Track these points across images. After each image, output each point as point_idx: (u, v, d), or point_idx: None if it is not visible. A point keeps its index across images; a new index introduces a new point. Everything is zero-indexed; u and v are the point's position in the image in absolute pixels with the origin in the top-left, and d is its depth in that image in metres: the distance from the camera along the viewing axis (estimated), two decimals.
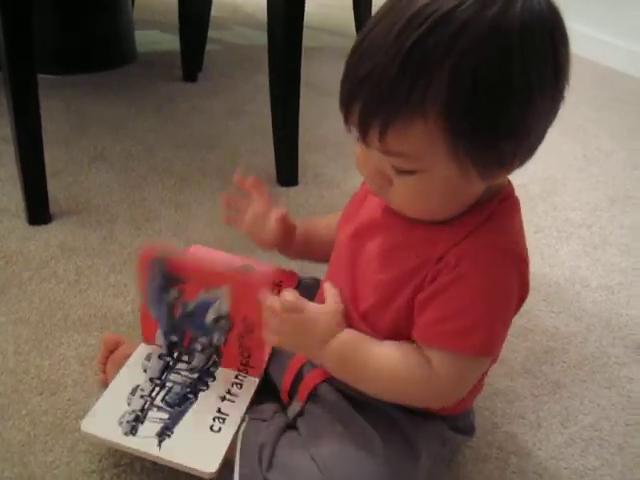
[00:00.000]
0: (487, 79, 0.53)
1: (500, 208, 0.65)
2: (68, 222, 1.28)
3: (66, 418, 0.88)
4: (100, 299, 1.10)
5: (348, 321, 0.70)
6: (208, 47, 2.03)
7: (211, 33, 2.05)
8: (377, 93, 0.55)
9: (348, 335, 0.68)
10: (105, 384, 0.89)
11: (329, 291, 0.71)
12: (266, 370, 0.83)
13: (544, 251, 1.36)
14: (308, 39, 1.40)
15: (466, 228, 0.63)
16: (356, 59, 0.57)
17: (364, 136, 0.57)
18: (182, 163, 1.52)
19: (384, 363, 0.66)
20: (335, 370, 0.69)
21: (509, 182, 0.68)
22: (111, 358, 0.91)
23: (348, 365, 0.68)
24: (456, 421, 0.78)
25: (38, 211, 1.26)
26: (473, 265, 0.61)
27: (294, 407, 0.77)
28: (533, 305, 1.19)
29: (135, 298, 1.10)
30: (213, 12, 2.06)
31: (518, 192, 0.70)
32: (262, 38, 1.41)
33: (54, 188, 1.35)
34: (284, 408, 0.79)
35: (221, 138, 1.65)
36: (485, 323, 0.62)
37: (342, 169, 1.55)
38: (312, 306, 0.68)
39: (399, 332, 0.67)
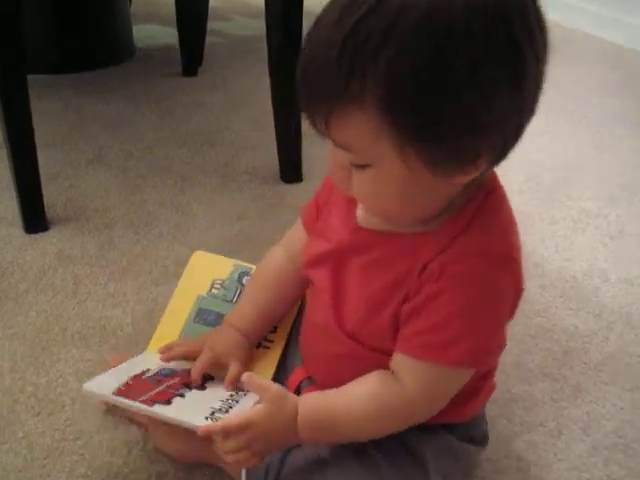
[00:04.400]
0: (426, 67, 0.50)
1: (484, 205, 0.62)
2: (66, 229, 1.25)
3: (64, 440, 0.85)
4: (99, 310, 1.07)
5: (334, 345, 0.69)
6: (208, 39, 1.99)
7: (211, 25, 2.01)
8: (318, 79, 0.54)
9: (306, 405, 0.66)
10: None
11: (252, 385, 0.67)
12: None
13: (559, 243, 1.31)
14: (308, 26, 1.34)
15: (449, 233, 0.61)
16: (305, 44, 0.56)
17: (314, 125, 0.56)
18: (182, 161, 1.49)
19: (351, 405, 0.65)
20: (316, 439, 0.67)
21: (492, 173, 0.64)
22: None
23: (323, 428, 0.66)
24: (467, 430, 0.75)
25: (34, 219, 1.23)
26: (458, 274, 0.60)
27: None
28: (550, 302, 1.14)
29: (135, 307, 1.07)
30: (212, 2, 2.01)
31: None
32: (264, 27, 1.37)
33: (51, 193, 1.33)
34: None
35: (222, 133, 1.62)
36: (470, 334, 0.61)
37: None
38: (256, 412, 0.65)
39: (385, 345, 0.66)
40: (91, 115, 1.68)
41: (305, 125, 1.40)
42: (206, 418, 0.68)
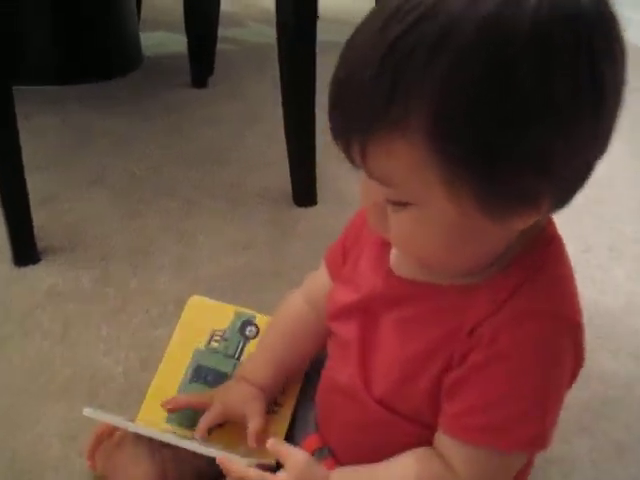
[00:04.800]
0: (487, 87, 0.44)
1: (543, 258, 0.56)
2: (58, 260, 1.17)
3: None
4: (89, 357, 0.98)
5: (359, 410, 0.63)
6: (219, 47, 1.90)
7: (222, 31, 1.93)
8: (353, 101, 0.48)
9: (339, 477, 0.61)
10: (93, 469, 0.77)
11: (278, 451, 0.62)
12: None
13: (594, 274, 1.20)
14: (322, 32, 1.28)
15: (501, 291, 0.54)
16: (339, 60, 0.50)
17: (348, 155, 0.51)
18: (190, 183, 1.42)
19: None
20: None
21: (549, 220, 0.58)
22: (102, 448, 0.77)
23: None
24: None
25: (24, 250, 1.14)
26: (514, 341, 0.53)
27: None
28: (586, 344, 1.02)
29: (128, 355, 0.98)
30: (224, 7, 1.93)
31: None
32: None
33: (45, 218, 1.24)
34: None
35: (234, 151, 1.55)
36: (530, 415, 0.55)
37: None
38: (280, 477, 0.60)
39: (422, 415, 0.60)
40: (93, 131, 1.60)
41: (320, 141, 1.33)
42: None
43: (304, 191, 1.35)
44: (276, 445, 0.62)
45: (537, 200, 0.49)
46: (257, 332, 0.82)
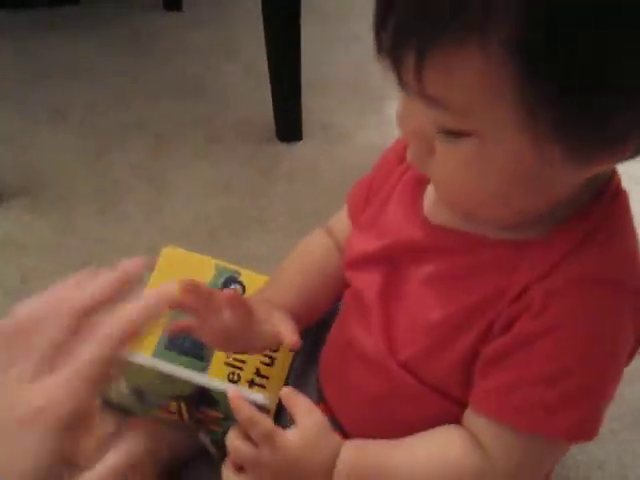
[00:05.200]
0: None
1: (608, 213, 0.49)
2: (16, 207, 1.11)
3: None
4: None
5: (378, 377, 0.57)
6: None
7: None
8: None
9: (351, 452, 0.54)
10: None
11: (292, 404, 0.55)
12: None
13: None
14: None
15: (557, 249, 0.49)
16: None
17: (397, 70, 0.43)
18: (160, 117, 1.33)
19: (415, 466, 0.53)
20: None
21: (614, 171, 0.52)
22: None
23: None
24: None
25: None
26: (568, 311, 0.48)
27: None
28: None
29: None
30: None
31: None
32: None
33: (0, 160, 1.19)
34: None
35: (210, 82, 1.45)
36: (584, 395, 0.49)
37: (355, 115, 1.36)
38: (290, 438, 0.53)
39: (451, 387, 0.54)
40: (51, 61, 1.49)
41: (306, 73, 1.24)
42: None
43: (288, 124, 1.28)
44: (291, 397, 0.55)
45: (625, 140, 0.42)
46: (243, 292, 0.72)
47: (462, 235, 0.53)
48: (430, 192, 0.56)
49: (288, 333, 0.59)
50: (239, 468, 0.54)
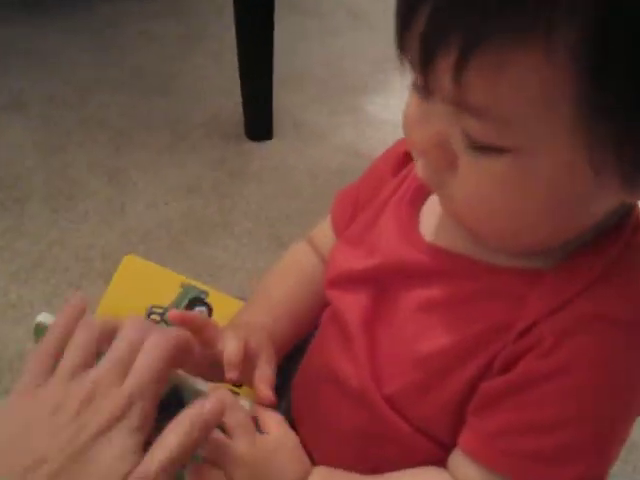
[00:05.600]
0: None
1: (628, 246, 0.46)
2: None
3: None
4: None
5: (365, 407, 0.52)
6: None
7: None
8: None
9: (323, 473, 0.51)
10: None
11: (265, 416, 0.50)
12: None
13: None
14: None
15: (572, 283, 0.44)
16: None
17: (426, 71, 0.38)
18: (122, 111, 1.30)
19: None
20: None
21: (637, 204, 0.49)
22: None
23: None
24: None
25: None
26: (581, 353, 0.44)
27: None
28: None
29: None
30: None
31: None
32: None
33: None
34: None
35: (176, 75, 1.43)
36: (593, 445, 0.45)
37: (328, 113, 1.33)
38: (266, 436, 0.49)
39: (439, 430, 0.50)
40: (9, 47, 1.45)
41: (279, 67, 1.22)
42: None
43: (259, 122, 1.26)
44: (262, 413, 0.50)
45: None
46: (209, 314, 0.66)
47: (467, 260, 0.49)
48: (429, 210, 0.52)
49: (261, 387, 0.53)
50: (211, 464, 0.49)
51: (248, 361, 0.53)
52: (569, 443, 0.45)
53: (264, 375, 0.53)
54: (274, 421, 0.50)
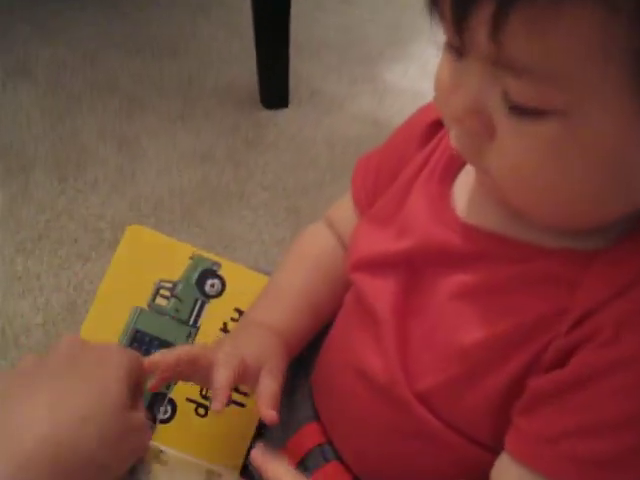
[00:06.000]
0: None
1: None
2: None
3: None
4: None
5: (393, 404, 0.49)
6: None
7: None
8: None
9: None
10: None
11: (265, 468, 0.47)
12: None
13: None
14: None
15: (630, 265, 0.41)
16: None
17: (461, 24, 0.35)
18: (132, 77, 1.27)
19: None
20: None
21: None
22: None
23: None
24: None
25: None
26: None
27: None
28: None
29: (50, 299, 0.84)
30: None
31: None
32: None
33: None
34: None
35: (187, 41, 1.40)
36: None
37: (345, 81, 1.31)
38: None
39: (478, 430, 0.47)
40: (13, 13, 1.43)
41: (295, 35, 1.19)
42: None
43: (274, 90, 1.24)
44: (264, 461, 0.46)
45: None
46: (222, 289, 0.61)
47: (511, 241, 0.45)
48: (463, 185, 0.48)
49: (262, 409, 0.50)
50: None
51: (249, 377, 0.50)
52: (633, 444, 0.41)
53: (265, 392, 0.51)
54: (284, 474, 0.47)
